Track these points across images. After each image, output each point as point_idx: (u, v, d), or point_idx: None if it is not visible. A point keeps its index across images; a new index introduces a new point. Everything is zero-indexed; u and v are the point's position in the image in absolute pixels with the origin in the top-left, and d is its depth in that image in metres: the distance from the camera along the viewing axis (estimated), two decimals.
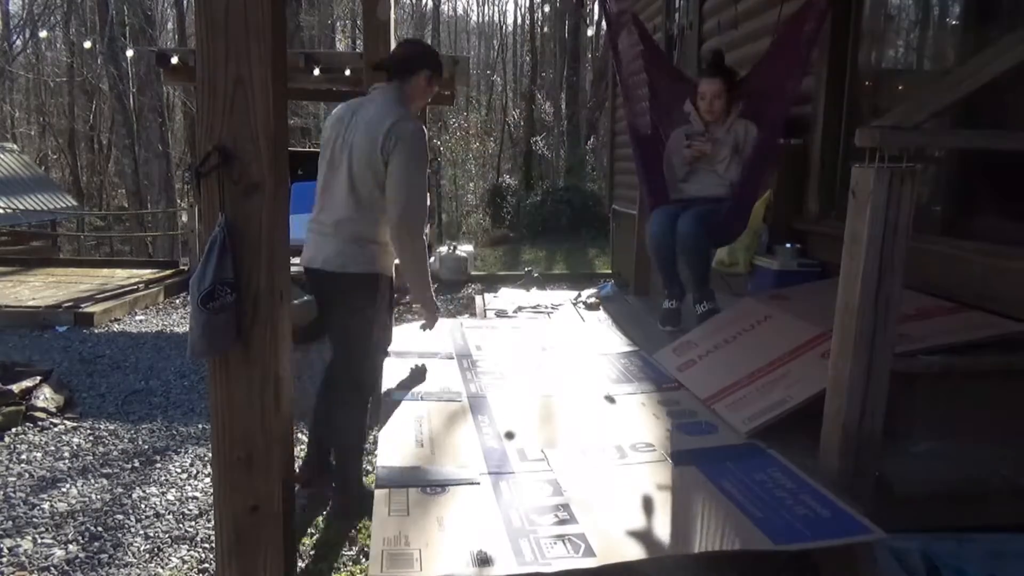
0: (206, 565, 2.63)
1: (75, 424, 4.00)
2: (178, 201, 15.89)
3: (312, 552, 2.67)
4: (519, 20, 29.95)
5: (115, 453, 3.64)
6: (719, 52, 3.95)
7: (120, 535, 2.84)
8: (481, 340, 3.29)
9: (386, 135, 2.52)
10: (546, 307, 4.46)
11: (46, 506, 3.06)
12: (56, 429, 3.91)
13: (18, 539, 2.79)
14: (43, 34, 20.21)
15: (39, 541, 2.79)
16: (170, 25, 21.95)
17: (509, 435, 2.27)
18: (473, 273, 8.17)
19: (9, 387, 4.05)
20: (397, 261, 2.78)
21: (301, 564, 2.56)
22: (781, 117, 3.49)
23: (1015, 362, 2.21)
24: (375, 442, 3.26)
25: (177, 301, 7.47)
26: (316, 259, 2.67)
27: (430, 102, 3.03)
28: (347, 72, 7.81)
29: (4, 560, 2.65)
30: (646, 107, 3.78)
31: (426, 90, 2.76)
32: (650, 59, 3.92)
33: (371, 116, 2.60)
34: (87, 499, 3.13)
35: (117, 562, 2.66)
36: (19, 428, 3.87)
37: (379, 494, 1.90)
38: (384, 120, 2.55)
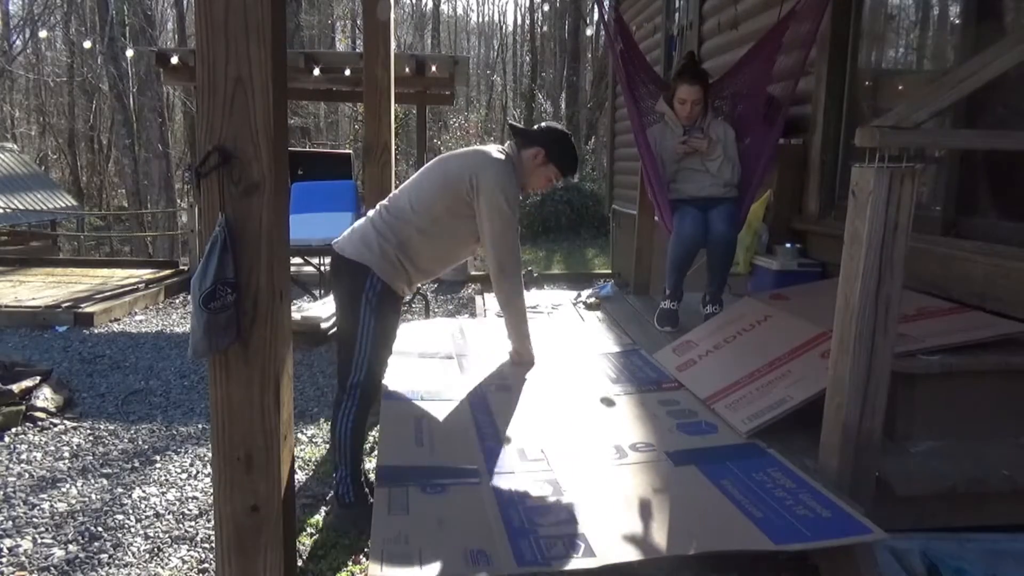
0: (206, 565, 2.63)
1: (75, 424, 4.00)
2: (178, 201, 15.91)
3: (312, 552, 2.67)
4: (519, 20, 29.98)
5: (115, 453, 3.64)
6: (693, 54, 4.01)
7: (120, 535, 2.84)
8: (481, 340, 3.29)
9: (472, 176, 2.56)
10: (546, 307, 4.46)
11: (46, 506, 3.06)
12: (56, 429, 3.90)
13: (18, 539, 2.79)
14: (43, 34, 20.20)
15: (39, 541, 2.79)
16: (170, 25, 21.97)
17: (505, 439, 2.27)
18: (473, 273, 8.17)
19: (9, 387, 4.04)
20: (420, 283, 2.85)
21: (301, 564, 2.56)
22: (778, 115, 3.50)
23: (1015, 362, 2.21)
24: (375, 442, 3.27)
25: (177, 301, 7.46)
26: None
27: (540, 187, 2.89)
28: (347, 72, 7.83)
29: (4, 560, 2.65)
30: (652, 105, 3.79)
31: (538, 170, 2.73)
32: (630, 56, 3.93)
33: (481, 155, 2.66)
34: (87, 499, 3.13)
35: (117, 562, 2.66)
36: (19, 428, 3.87)
37: (379, 493, 1.90)
38: (483, 161, 2.60)
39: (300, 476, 3.33)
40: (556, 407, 2.56)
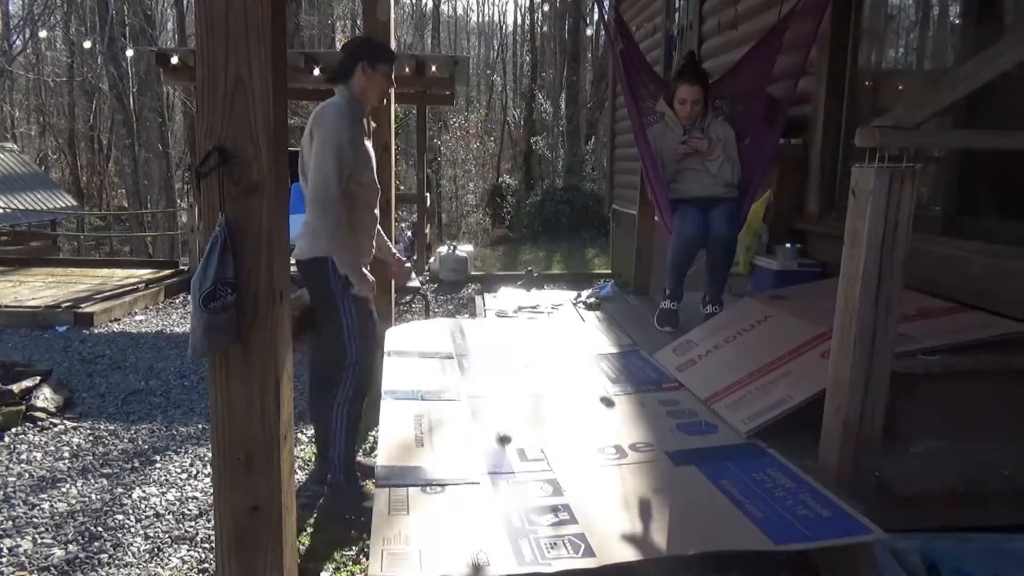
0: (206, 565, 2.63)
1: (75, 424, 4.00)
2: (178, 201, 15.90)
3: (312, 552, 2.67)
4: (519, 20, 30.01)
5: (115, 453, 3.64)
6: (693, 53, 4.00)
7: (120, 535, 2.84)
8: (481, 340, 3.29)
9: (311, 130, 2.67)
10: (546, 307, 4.46)
11: (46, 506, 3.06)
12: (56, 429, 3.90)
13: (18, 539, 2.79)
14: (43, 34, 20.18)
15: (39, 541, 2.79)
16: (170, 25, 21.96)
17: (504, 439, 2.27)
18: (473, 273, 8.17)
19: (9, 387, 4.04)
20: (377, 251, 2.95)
21: (301, 564, 2.56)
22: (778, 115, 3.50)
23: (1015, 362, 2.21)
24: (375, 442, 3.27)
25: (177, 301, 7.47)
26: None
27: (384, 93, 2.92)
28: None
29: (4, 560, 2.65)
30: (652, 105, 3.79)
31: (371, 79, 2.75)
32: (630, 56, 3.93)
33: (318, 111, 2.71)
34: (87, 499, 3.13)
35: (117, 562, 2.66)
36: (19, 428, 3.87)
37: (379, 493, 1.91)
38: (317, 115, 2.68)
39: (300, 476, 3.33)
40: (556, 407, 2.56)
